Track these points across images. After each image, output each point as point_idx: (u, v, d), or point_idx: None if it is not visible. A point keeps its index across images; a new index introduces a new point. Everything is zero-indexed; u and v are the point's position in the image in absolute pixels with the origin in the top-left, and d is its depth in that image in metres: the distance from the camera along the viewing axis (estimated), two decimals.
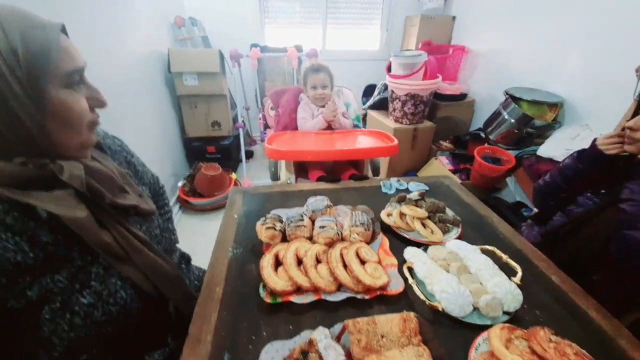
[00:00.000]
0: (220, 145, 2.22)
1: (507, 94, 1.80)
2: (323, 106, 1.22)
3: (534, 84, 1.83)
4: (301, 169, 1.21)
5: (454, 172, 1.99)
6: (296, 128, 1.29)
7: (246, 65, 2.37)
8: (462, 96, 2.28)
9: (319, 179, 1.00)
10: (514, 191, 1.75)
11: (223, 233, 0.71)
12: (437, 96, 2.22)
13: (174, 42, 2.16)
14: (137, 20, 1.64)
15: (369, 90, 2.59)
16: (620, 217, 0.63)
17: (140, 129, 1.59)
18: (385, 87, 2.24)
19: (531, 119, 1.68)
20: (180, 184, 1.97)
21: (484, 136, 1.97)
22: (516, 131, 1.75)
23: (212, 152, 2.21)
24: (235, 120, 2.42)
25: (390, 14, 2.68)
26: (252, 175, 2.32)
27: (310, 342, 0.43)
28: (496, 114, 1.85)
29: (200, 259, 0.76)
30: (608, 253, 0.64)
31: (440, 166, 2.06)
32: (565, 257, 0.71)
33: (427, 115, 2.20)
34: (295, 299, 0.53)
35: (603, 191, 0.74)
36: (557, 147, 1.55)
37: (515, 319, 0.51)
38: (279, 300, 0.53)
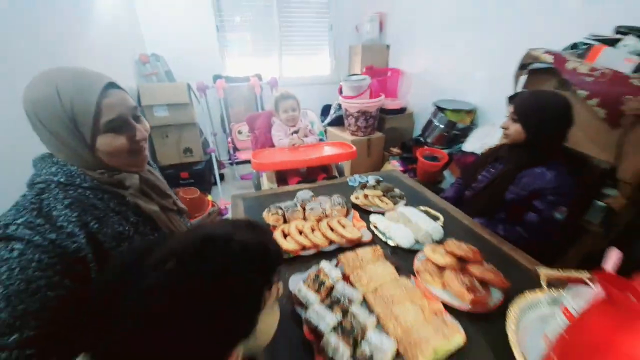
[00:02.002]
0: (193, 170, 2.39)
1: (435, 105, 2.31)
2: (294, 126, 1.53)
3: (454, 96, 2.37)
4: (280, 178, 1.49)
5: (404, 172, 2.41)
6: (271, 145, 1.57)
7: (211, 95, 2.61)
8: (403, 110, 2.78)
9: (298, 183, 1.29)
10: (449, 181, 2.21)
11: None
12: (383, 111, 2.69)
13: (139, 77, 2.33)
14: (104, 60, 1.80)
15: (325, 110, 3.00)
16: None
17: None
18: (340, 106, 2.65)
19: (455, 123, 2.19)
20: None
21: (423, 140, 2.45)
22: (445, 134, 2.25)
23: (186, 178, 2.37)
24: (205, 145, 2.61)
25: (335, 44, 3.17)
26: (227, 196, 2.50)
27: (320, 269, 0.71)
28: (429, 122, 2.34)
29: None
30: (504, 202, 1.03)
31: (392, 168, 2.48)
32: (479, 207, 1.08)
33: (377, 127, 2.64)
34: (303, 253, 0.80)
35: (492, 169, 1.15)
36: (475, 143, 2.04)
37: (440, 243, 0.84)
38: (291, 255, 0.79)
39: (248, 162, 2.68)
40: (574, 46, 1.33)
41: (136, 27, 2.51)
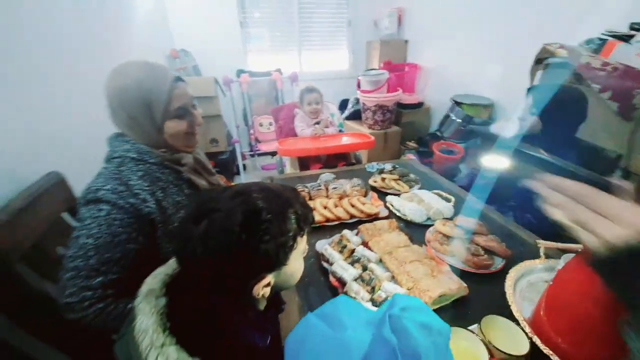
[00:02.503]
0: (218, 160, 2.56)
1: (452, 100, 2.37)
2: (316, 117, 1.66)
3: (472, 90, 2.42)
4: (303, 165, 1.62)
5: None
6: (294, 135, 1.70)
7: (234, 88, 2.77)
8: (420, 104, 2.85)
9: (319, 169, 1.41)
10: (465, 174, 2.27)
11: None
12: (400, 105, 2.77)
13: (171, 69, 2.51)
14: (141, 54, 1.98)
15: (343, 104, 3.10)
16: None
17: None
18: (357, 101, 2.75)
19: (472, 118, 2.24)
20: None
21: (440, 135, 2.52)
22: (462, 128, 2.31)
23: (212, 166, 2.54)
24: (228, 137, 2.78)
25: (354, 39, 3.26)
26: None
27: (342, 235, 0.83)
28: (446, 116, 2.41)
29: None
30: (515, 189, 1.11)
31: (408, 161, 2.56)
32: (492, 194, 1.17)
33: (394, 121, 2.73)
34: (327, 224, 0.92)
35: None
36: None
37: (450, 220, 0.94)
38: (317, 225, 0.92)
39: (269, 153, 2.84)
40: (589, 41, 1.38)
41: (166, 23, 2.69)
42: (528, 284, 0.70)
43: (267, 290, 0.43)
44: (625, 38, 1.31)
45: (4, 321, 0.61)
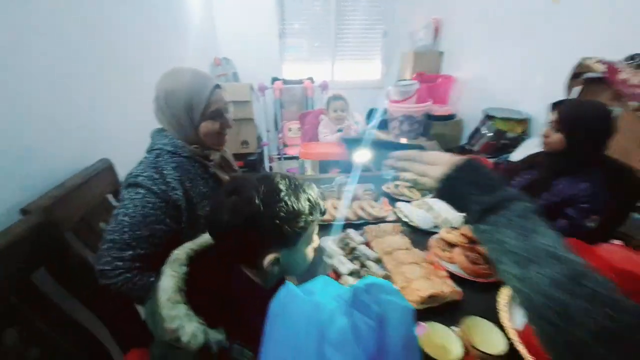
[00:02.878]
0: (248, 160, 2.72)
1: (484, 113, 2.31)
2: (340, 124, 1.73)
3: (506, 104, 2.34)
4: (322, 169, 1.68)
5: None
6: (318, 139, 1.78)
7: (268, 95, 2.94)
8: (452, 116, 2.79)
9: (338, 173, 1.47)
10: None
11: None
12: (430, 117, 2.74)
13: (213, 77, 2.75)
14: (188, 61, 2.21)
15: (371, 114, 3.14)
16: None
17: None
18: (385, 111, 2.77)
19: (504, 132, 2.16)
20: None
21: (469, 148, 2.45)
22: (493, 142, 2.23)
23: (241, 166, 2.71)
24: (259, 140, 2.95)
25: (388, 50, 3.30)
26: None
27: (346, 234, 0.88)
28: (477, 130, 2.35)
29: None
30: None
31: None
32: None
33: (422, 132, 2.70)
34: (335, 222, 0.98)
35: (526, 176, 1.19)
36: (524, 154, 2.01)
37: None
38: (325, 223, 0.97)
39: (295, 157, 2.95)
40: (632, 57, 1.30)
41: (213, 32, 2.96)
42: None
43: (276, 269, 0.50)
44: None
45: (51, 280, 0.74)
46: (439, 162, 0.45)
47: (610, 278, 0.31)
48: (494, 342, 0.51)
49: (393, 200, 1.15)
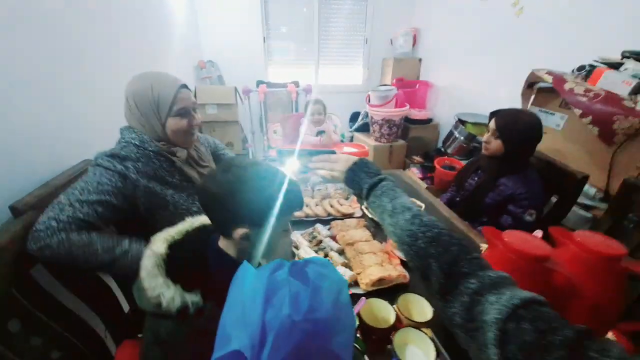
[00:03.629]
0: None
1: (457, 117, 2.45)
2: (319, 126, 1.82)
3: (478, 109, 2.49)
4: None
5: (422, 179, 2.57)
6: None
7: (253, 97, 3.01)
8: (429, 120, 2.94)
9: None
10: None
11: None
12: (409, 120, 2.88)
13: (197, 80, 2.81)
14: (172, 63, 2.26)
15: (354, 117, 3.26)
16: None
17: None
18: (367, 114, 2.89)
19: (474, 136, 2.31)
20: None
21: (444, 151, 2.59)
22: (465, 145, 2.38)
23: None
24: (244, 141, 3.01)
25: (370, 56, 3.43)
26: None
27: (315, 228, 0.97)
28: (450, 133, 2.49)
29: None
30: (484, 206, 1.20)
31: (410, 174, 2.64)
32: (465, 210, 1.26)
33: (401, 135, 2.83)
34: (305, 218, 1.07)
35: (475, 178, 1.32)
36: None
37: None
38: (296, 219, 1.06)
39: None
40: (581, 68, 1.45)
41: (197, 36, 3.01)
42: None
43: (245, 244, 0.58)
44: (616, 65, 1.37)
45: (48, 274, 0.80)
46: (342, 161, 0.67)
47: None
48: (423, 312, 0.61)
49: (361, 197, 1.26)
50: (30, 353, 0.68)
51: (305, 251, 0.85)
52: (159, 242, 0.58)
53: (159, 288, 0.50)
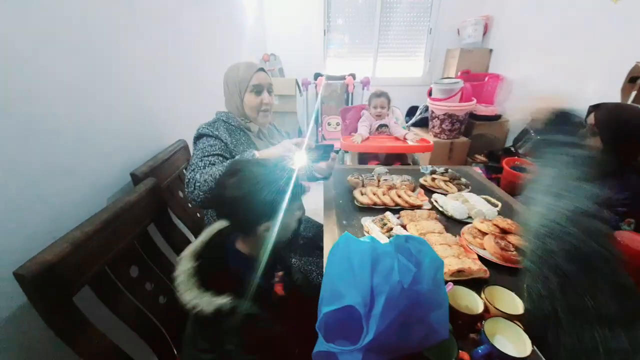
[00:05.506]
0: None
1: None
2: (380, 119, 1.83)
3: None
4: (362, 161, 1.80)
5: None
6: None
7: (310, 89, 3.10)
8: (497, 117, 2.74)
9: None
10: None
11: (326, 184, 1.31)
12: (474, 116, 2.71)
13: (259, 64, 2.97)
14: (244, 55, 2.43)
15: (411, 111, 3.17)
16: None
17: None
18: (426, 108, 2.80)
19: None
20: None
21: (514, 151, 2.40)
22: None
23: None
24: (299, 132, 3.13)
25: (433, 47, 3.29)
26: None
27: (384, 216, 0.99)
28: (524, 132, 2.29)
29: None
30: None
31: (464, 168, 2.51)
32: None
33: (463, 132, 2.69)
34: (374, 207, 1.09)
35: None
36: None
37: None
38: (364, 206, 1.09)
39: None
40: None
41: (263, 30, 3.18)
42: None
43: (267, 234, 0.66)
44: None
45: (158, 234, 0.95)
46: None
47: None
48: (513, 306, 0.61)
49: (429, 192, 1.24)
50: (145, 297, 0.81)
51: (378, 237, 0.88)
52: (185, 261, 0.65)
53: (195, 300, 0.58)
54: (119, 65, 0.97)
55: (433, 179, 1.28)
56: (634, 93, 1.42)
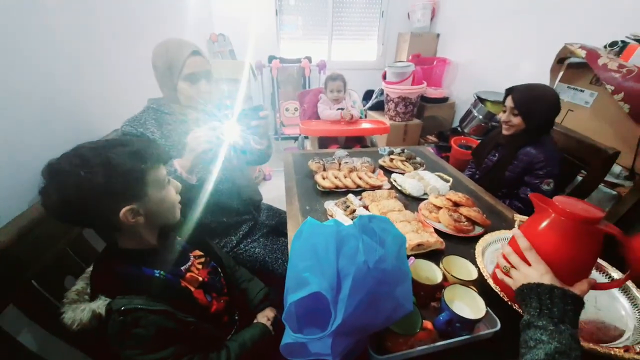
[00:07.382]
0: None
1: (476, 96, 2.42)
2: (338, 103, 1.81)
3: (498, 88, 2.45)
4: (322, 145, 1.79)
5: None
6: (317, 118, 1.87)
7: (264, 73, 2.97)
8: (445, 99, 2.91)
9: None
10: None
11: (287, 170, 1.28)
12: (425, 99, 2.84)
13: (210, 54, 2.76)
14: (185, 33, 2.21)
15: (367, 95, 3.22)
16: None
17: None
18: (382, 92, 2.85)
19: (494, 115, 2.29)
20: None
21: (460, 130, 2.58)
22: (483, 124, 2.36)
23: None
24: None
25: (385, 30, 3.34)
26: (271, 164, 2.87)
27: (347, 198, 1.00)
28: (468, 112, 2.47)
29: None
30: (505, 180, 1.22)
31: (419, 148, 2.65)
32: (486, 185, 1.28)
33: (416, 114, 2.81)
34: (336, 190, 1.09)
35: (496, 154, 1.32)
36: None
37: None
38: (327, 190, 1.09)
39: (293, 138, 3.03)
40: (613, 44, 1.42)
41: (209, 8, 2.93)
42: (495, 249, 0.83)
43: (140, 219, 0.58)
44: None
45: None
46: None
47: None
48: (467, 272, 0.65)
49: (388, 172, 1.28)
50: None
51: (342, 219, 0.88)
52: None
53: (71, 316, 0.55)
54: (34, 46, 0.81)
55: (391, 160, 1.31)
56: (561, 73, 1.58)
